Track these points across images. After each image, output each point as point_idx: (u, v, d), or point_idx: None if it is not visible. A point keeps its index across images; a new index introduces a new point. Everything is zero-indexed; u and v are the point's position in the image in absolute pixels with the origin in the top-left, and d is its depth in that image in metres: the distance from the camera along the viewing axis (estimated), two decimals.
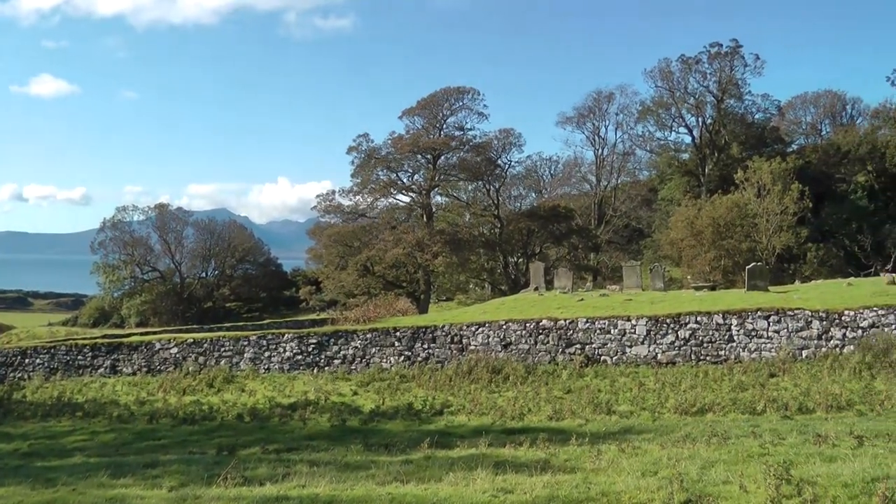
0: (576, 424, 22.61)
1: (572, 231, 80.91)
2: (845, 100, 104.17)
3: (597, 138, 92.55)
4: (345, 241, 73.30)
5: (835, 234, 77.37)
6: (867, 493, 10.09)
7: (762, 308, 31.86)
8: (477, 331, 35.00)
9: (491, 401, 27.24)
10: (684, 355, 31.74)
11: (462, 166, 75.91)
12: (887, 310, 30.41)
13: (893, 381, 25.72)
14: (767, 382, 26.98)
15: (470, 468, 13.55)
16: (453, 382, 30.93)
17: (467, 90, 77.07)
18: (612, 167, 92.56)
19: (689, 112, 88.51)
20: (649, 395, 26.22)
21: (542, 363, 33.12)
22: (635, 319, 32.95)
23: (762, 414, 22.62)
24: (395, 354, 35.40)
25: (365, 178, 74.56)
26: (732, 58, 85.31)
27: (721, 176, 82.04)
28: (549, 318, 34.41)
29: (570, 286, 44.48)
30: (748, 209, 67.18)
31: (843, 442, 15.01)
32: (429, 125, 76.48)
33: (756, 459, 13.09)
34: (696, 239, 63.21)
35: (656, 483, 11.22)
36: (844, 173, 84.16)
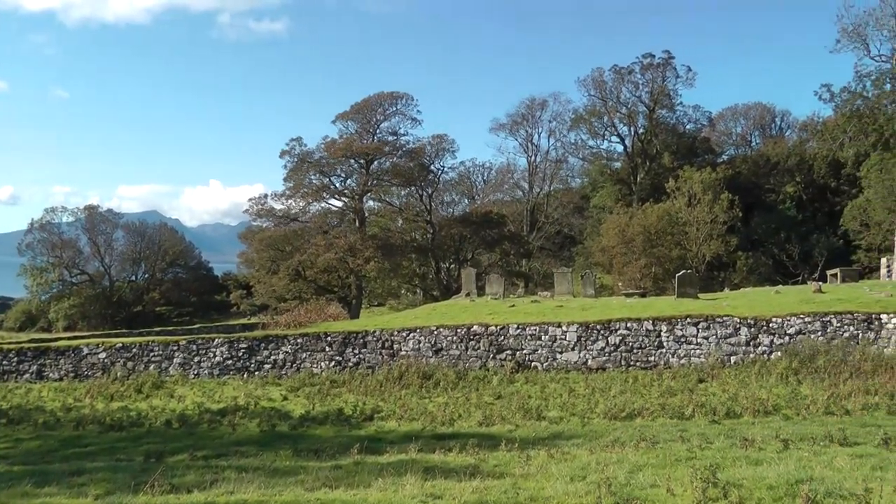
0: (506, 430, 22.59)
1: (504, 237, 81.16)
2: (774, 112, 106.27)
3: (530, 145, 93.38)
4: (276, 246, 72.73)
5: (764, 243, 78.69)
6: (791, 494, 10.23)
7: (691, 315, 32.20)
8: (408, 336, 34.89)
9: (421, 406, 27.12)
10: (614, 361, 31.95)
11: (395, 171, 75.85)
12: (813, 317, 30.98)
13: (819, 386, 26.15)
14: (696, 388, 27.25)
15: (399, 474, 13.46)
16: (384, 388, 30.76)
17: (401, 95, 77.19)
18: (544, 174, 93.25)
19: (621, 121, 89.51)
20: (579, 401, 26.27)
21: (473, 369, 33.09)
22: (566, 326, 33.08)
23: (691, 419, 22.82)
24: (326, 359, 35.16)
25: (297, 182, 74.12)
26: (664, 69, 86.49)
27: (652, 185, 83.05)
28: (481, 323, 34.43)
29: (502, 292, 44.56)
30: (679, 218, 68.09)
31: (769, 445, 15.19)
32: (362, 130, 76.31)
33: (684, 463, 13.19)
34: (627, 246, 63.85)
35: (585, 488, 11.23)
36: (773, 184, 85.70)
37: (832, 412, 22.70)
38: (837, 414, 22.53)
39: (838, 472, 11.89)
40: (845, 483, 10.74)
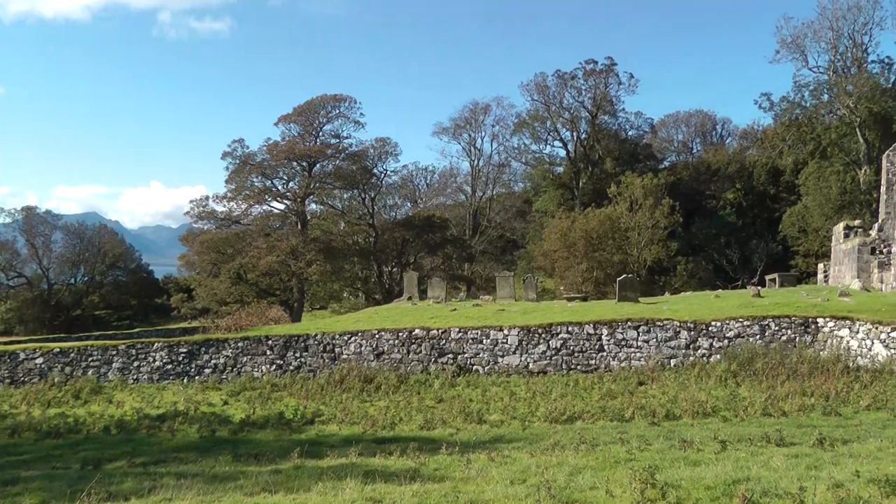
0: (447, 434, 22.56)
1: (447, 241, 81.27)
2: (715, 120, 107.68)
3: (473, 149, 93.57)
4: (218, 248, 72.09)
5: (704, 248, 79.63)
6: (728, 494, 10.33)
7: (632, 318, 32.44)
8: (350, 340, 34.79)
9: (362, 410, 27.03)
10: (555, 365, 32.09)
11: (337, 174, 75.60)
12: (752, 321, 31.41)
13: (757, 388, 26.49)
14: (636, 390, 27.45)
15: (339, 478, 13.39)
16: (325, 391, 30.62)
17: (344, 98, 76.93)
18: (487, 178, 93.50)
19: (564, 126, 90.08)
20: (520, 405, 26.34)
21: (415, 372, 33.06)
22: (507, 329, 33.17)
23: (630, 421, 22.95)
24: (267, 363, 34.93)
25: (239, 185, 73.53)
26: (607, 75, 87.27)
27: (595, 190, 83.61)
28: (422, 327, 34.42)
29: (444, 296, 44.59)
30: (621, 223, 68.58)
31: (707, 446, 15.33)
32: (305, 132, 75.96)
33: (623, 465, 13.25)
34: (569, 251, 64.12)
35: (524, 491, 11.24)
36: (714, 190, 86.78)
37: (769, 413, 22.99)
38: (775, 415, 22.81)
39: (774, 471, 12.01)
40: (781, 482, 10.87)
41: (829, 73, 74.37)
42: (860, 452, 14.38)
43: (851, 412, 22.97)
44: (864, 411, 22.95)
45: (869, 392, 24.77)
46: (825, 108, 75.15)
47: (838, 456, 13.90)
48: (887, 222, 40.46)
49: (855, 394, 24.80)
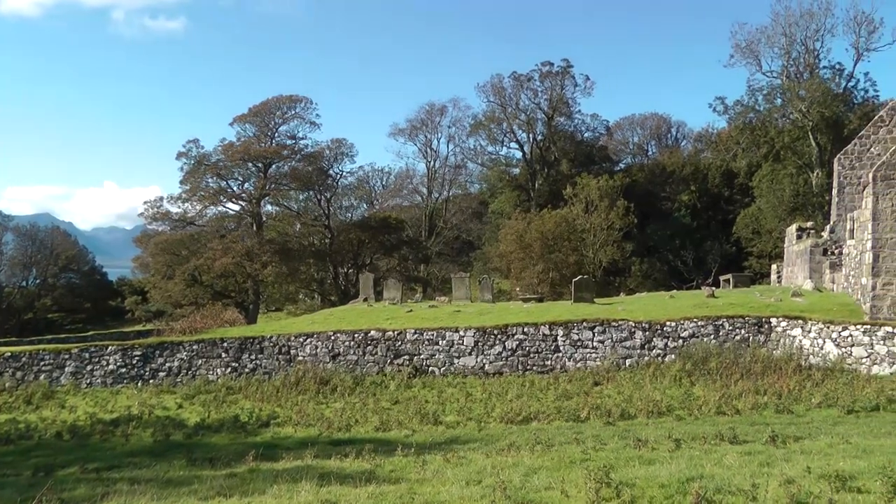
0: (402, 435, 22.55)
1: (403, 242, 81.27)
2: (670, 123, 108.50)
3: (429, 150, 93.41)
4: (172, 250, 71.47)
5: (659, 249, 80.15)
6: (682, 492, 10.38)
7: (587, 319, 32.58)
8: (305, 341, 34.65)
9: (318, 412, 26.93)
10: (511, 365, 32.14)
11: (293, 175, 75.32)
12: (706, 321, 31.67)
13: (711, 387, 26.74)
14: (592, 391, 27.58)
15: (295, 480, 13.31)
16: (281, 394, 30.48)
17: (299, 99, 76.73)
18: (443, 179, 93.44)
19: (520, 128, 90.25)
20: (476, 406, 26.38)
21: (371, 374, 33.00)
22: (463, 331, 33.19)
23: (586, 421, 23.04)
24: (223, 366, 34.71)
25: (194, 185, 72.95)
26: (563, 77, 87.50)
27: (550, 191, 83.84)
28: (378, 328, 34.35)
29: (400, 297, 44.51)
30: (576, 224, 68.85)
31: (661, 445, 15.40)
32: (260, 133, 75.66)
33: (578, 465, 13.25)
34: (525, 252, 64.20)
35: (480, 491, 11.22)
36: (669, 192, 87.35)
37: (723, 412, 23.23)
38: (728, 413, 23.06)
39: (728, 469, 12.09)
40: (734, 479, 10.94)
41: (782, 77, 75.21)
42: (812, 449, 14.53)
43: (803, 410, 23.28)
44: (816, 409, 23.27)
45: (820, 390, 25.12)
46: (778, 112, 75.96)
47: (790, 453, 14.04)
48: (839, 224, 40.95)
49: (807, 392, 25.13)
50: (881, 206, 29.23)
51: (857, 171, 42.16)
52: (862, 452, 13.85)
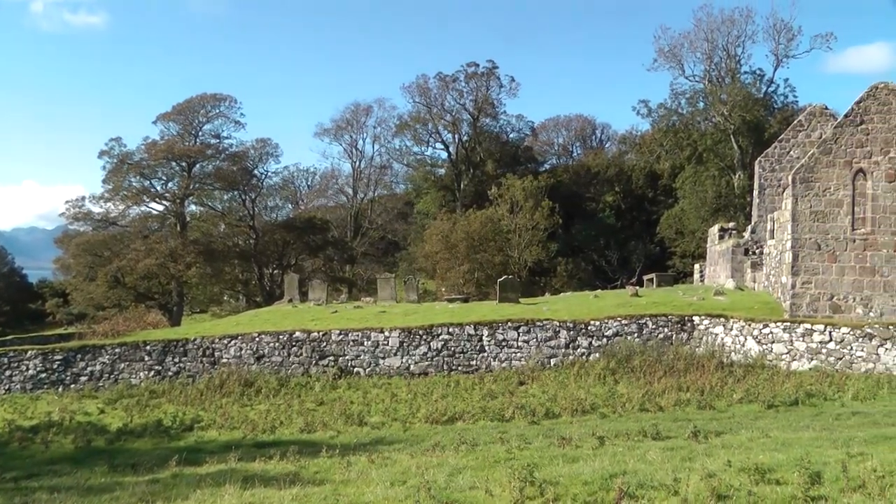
0: (327, 436, 22.44)
1: (328, 243, 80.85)
2: (595, 125, 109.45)
3: (354, 151, 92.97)
4: (94, 251, 69.98)
5: (584, 249, 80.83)
6: (605, 488, 10.47)
7: (513, 319, 32.73)
8: (230, 343, 34.33)
9: (242, 414, 26.71)
10: (437, 366, 32.17)
11: (217, 175, 74.38)
12: (630, 319, 32.04)
13: (634, 384, 27.07)
14: (517, 390, 27.71)
15: (218, 484, 13.20)
16: (205, 397, 30.16)
17: (224, 97, 75.87)
18: (368, 180, 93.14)
19: (445, 128, 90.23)
20: (401, 406, 26.36)
21: (296, 375, 32.82)
22: (389, 331, 33.14)
23: (511, 420, 23.13)
24: (146, 369, 34.24)
25: (117, 185, 71.50)
26: (489, 78, 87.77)
27: (476, 191, 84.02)
28: (303, 329, 34.15)
29: (325, 298, 44.28)
30: (502, 224, 69.05)
31: (585, 443, 15.50)
32: (184, 131, 74.63)
33: (503, 464, 13.28)
34: (450, 252, 64.24)
35: (405, 492, 11.22)
36: (594, 193, 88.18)
37: (647, 409, 23.51)
38: (652, 410, 23.34)
39: (650, 464, 12.21)
40: (656, 475, 11.05)
41: (704, 82, 76.36)
42: (732, 443, 14.76)
43: (725, 405, 23.68)
44: (737, 404, 23.69)
45: (742, 386, 25.58)
46: (701, 115, 77.15)
47: (712, 447, 14.23)
48: (759, 225, 41.67)
49: (729, 388, 25.56)
50: (800, 208, 29.81)
51: (777, 174, 42.93)
52: (781, 445, 14.10)
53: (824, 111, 43.67)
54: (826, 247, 29.66)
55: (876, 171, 29.44)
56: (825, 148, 30.06)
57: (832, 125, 32.28)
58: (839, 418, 20.16)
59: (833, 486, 10.31)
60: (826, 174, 29.76)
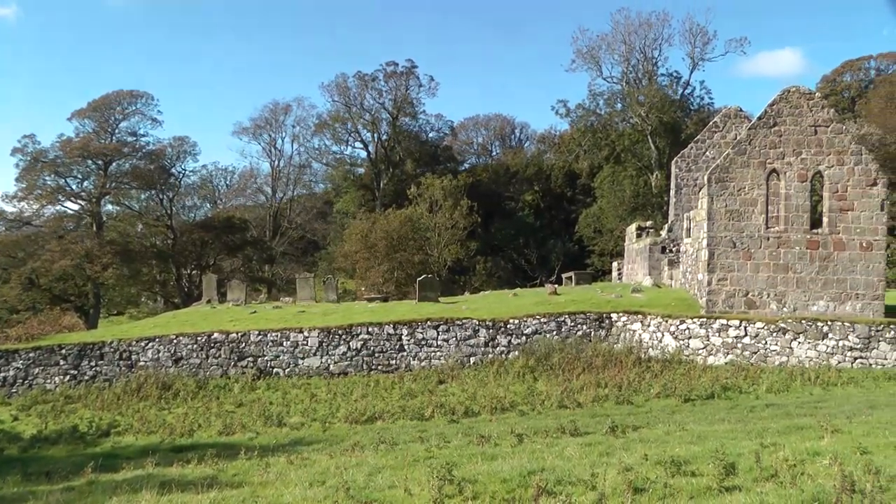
0: (246, 438, 22.29)
1: (247, 243, 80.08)
2: (514, 124, 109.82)
3: (273, 150, 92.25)
4: (7, 252, 68.41)
5: (503, 248, 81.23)
6: (524, 485, 10.51)
7: (432, 318, 32.77)
8: (147, 346, 33.84)
9: (160, 418, 26.38)
10: (356, 365, 32.09)
11: (135, 174, 73.11)
12: (549, 317, 32.29)
13: (553, 381, 27.31)
14: (436, 389, 27.79)
15: (135, 490, 13.04)
16: (122, 401, 29.72)
17: (141, 94, 74.62)
18: (288, 179, 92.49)
19: (365, 127, 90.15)
20: (321, 406, 26.26)
21: (214, 377, 32.50)
22: (308, 331, 32.98)
23: (430, 419, 23.18)
24: (61, 374, 33.58)
25: (31, 183, 69.86)
26: (408, 77, 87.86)
27: (395, 191, 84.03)
28: (221, 331, 33.80)
29: (244, 298, 43.87)
30: (421, 223, 69.03)
31: (504, 441, 15.56)
32: (100, 129, 73.18)
33: (422, 463, 13.29)
34: (370, 251, 64.07)
35: (323, 493, 11.19)
36: (513, 192, 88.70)
37: (565, 405, 23.72)
38: (570, 407, 23.56)
39: (568, 460, 12.31)
40: (575, 470, 11.15)
41: (622, 83, 77.55)
42: (650, 437, 14.95)
43: (643, 400, 24.02)
44: (655, 399, 24.06)
45: (659, 381, 25.99)
46: (619, 116, 78.27)
47: (629, 442, 14.40)
48: (676, 223, 42.29)
49: (646, 383, 25.98)
50: (716, 207, 30.31)
51: (693, 174, 43.62)
52: (697, 438, 14.34)
53: (739, 113, 44.51)
54: (741, 245, 30.19)
55: (789, 171, 30.08)
56: (740, 149, 30.60)
57: (746, 127, 32.87)
58: (754, 410, 20.60)
59: (747, 476, 10.52)
60: (741, 174, 30.31)
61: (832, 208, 29.86)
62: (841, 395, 23.39)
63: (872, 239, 29.63)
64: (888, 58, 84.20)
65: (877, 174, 29.86)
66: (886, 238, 30.76)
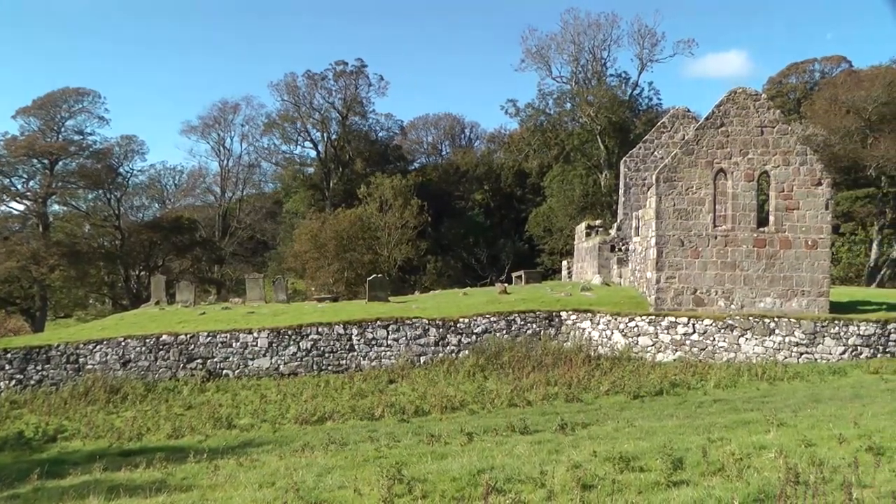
0: (195, 441, 22.09)
1: (196, 243, 79.40)
2: (464, 123, 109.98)
3: (222, 149, 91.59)
4: None
5: (453, 247, 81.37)
6: (473, 484, 10.57)
7: (382, 318, 32.72)
8: (95, 349, 33.43)
9: (108, 422, 26.04)
10: (306, 366, 31.96)
11: (81, 173, 72.16)
12: (499, 316, 32.36)
13: (504, 380, 27.38)
14: (386, 388, 27.75)
15: (82, 496, 12.94)
16: (69, 405, 29.26)
17: (87, 92, 73.67)
18: (237, 179, 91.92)
19: (314, 127, 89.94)
20: (271, 407, 26.13)
21: (163, 380, 32.19)
22: (257, 332, 32.78)
23: (381, 419, 23.16)
24: (6, 378, 33.04)
25: None
26: (357, 77, 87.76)
27: (345, 190, 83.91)
28: (170, 332, 33.49)
29: (193, 299, 43.58)
30: (371, 223, 69.02)
31: (454, 440, 15.61)
32: (46, 127, 72.12)
33: (372, 463, 13.31)
34: (320, 251, 63.95)
35: (273, 494, 11.19)
36: (463, 191, 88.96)
37: (515, 404, 23.80)
38: (520, 405, 23.64)
39: (518, 458, 12.37)
40: (524, 468, 11.21)
41: (571, 83, 77.96)
42: (599, 434, 15.07)
43: (592, 397, 24.19)
44: (604, 396, 24.25)
45: (608, 378, 26.20)
46: (568, 115, 78.74)
47: (578, 439, 14.50)
48: (625, 222, 42.65)
49: (596, 380, 26.14)
50: (664, 206, 30.57)
51: (641, 173, 44.01)
52: (645, 434, 14.48)
53: (687, 113, 44.99)
54: (689, 243, 30.47)
55: (736, 170, 30.40)
56: (688, 149, 30.88)
57: (694, 127, 33.20)
58: (702, 406, 20.85)
59: (694, 471, 10.66)
60: (689, 174, 30.59)
61: (778, 207, 30.24)
62: (787, 389, 23.72)
63: (817, 237, 30.05)
64: (832, 61, 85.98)
65: (821, 174, 30.29)
66: (831, 236, 31.24)
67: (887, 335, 28.56)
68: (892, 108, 64.35)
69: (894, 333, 28.62)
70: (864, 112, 64.27)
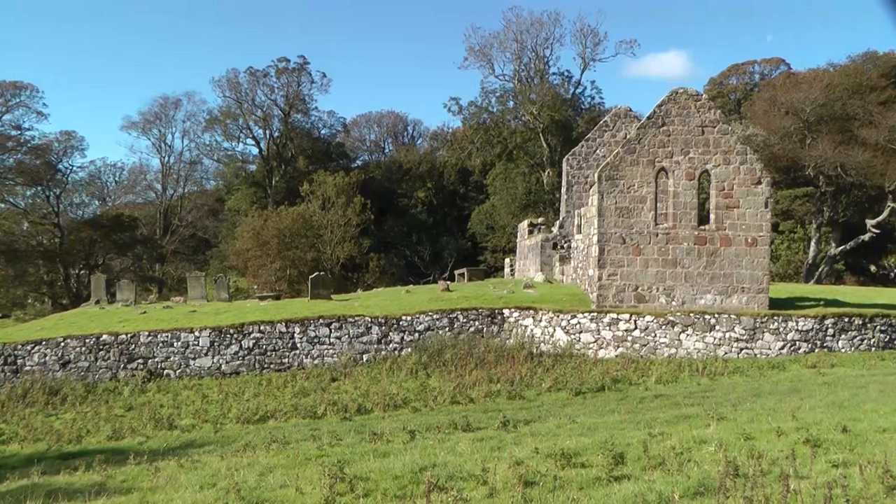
0: (136, 443, 21.80)
1: (137, 241, 78.66)
2: (407, 121, 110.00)
3: (163, 145, 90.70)
4: None
5: (396, 245, 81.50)
6: (415, 482, 10.59)
7: (324, 316, 32.61)
8: (33, 350, 32.95)
9: (47, 425, 25.60)
10: (249, 365, 31.78)
11: (19, 169, 71.23)
12: (441, 314, 32.40)
13: (446, 378, 27.41)
14: (329, 387, 27.64)
15: (19, 501, 12.79)
16: (6, 408, 28.74)
17: (25, 86, 72.60)
18: (178, 176, 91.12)
19: (256, 124, 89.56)
20: (212, 407, 25.89)
21: (104, 380, 31.84)
22: (199, 331, 32.51)
23: (323, 417, 23.05)
24: None
25: None
26: (300, 74, 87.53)
27: (288, 188, 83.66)
28: (111, 332, 33.10)
29: (134, 299, 43.16)
30: (313, 220, 68.80)
31: (397, 437, 15.60)
32: None
33: (314, 461, 13.26)
34: (262, 249, 63.66)
35: (214, 495, 11.13)
36: (406, 189, 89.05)
37: (458, 401, 23.83)
38: (463, 403, 23.68)
39: (460, 456, 12.41)
40: (466, 465, 11.25)
41: (514, 81, 78.31)
42: (541, 431, 15.14)
43: (534, 395, 24.28)
44: (546, 393, 24.35)
45: (551, 375, 26.32)
46: (511, 113, 79.11)
47: (520, 436, 14.56)
48: (567, 220, 42.94)
49: (538, 377, 26.25)
50: (606, 204, 30.79)
51: (584, 171, 44.33)
52: (587, 430, 14.61)
53: (629, 113, 45.42)
54: (631, 241, 30.72)
55: (677, 169, 30.71)
56: (630, 147, 31.12)
57: (636, 126, 33.49)
58: (643, 401, 21.03)
59: (635, 465, 10.77)
60: (630, 172, 30.84)
61: (719, 206, 30.59)
62: (727, 384, 23.98)
63: (757, 235, 30.46)
64: (771, 63, 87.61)
65: (761, 173, 30.70)
66: (770, 234, 31.65)
67: (825, 330, 29.09)
68: (829, 110, 65.60)
69: (832, 329, 29.19)
70: (803, 113, 65.33)
